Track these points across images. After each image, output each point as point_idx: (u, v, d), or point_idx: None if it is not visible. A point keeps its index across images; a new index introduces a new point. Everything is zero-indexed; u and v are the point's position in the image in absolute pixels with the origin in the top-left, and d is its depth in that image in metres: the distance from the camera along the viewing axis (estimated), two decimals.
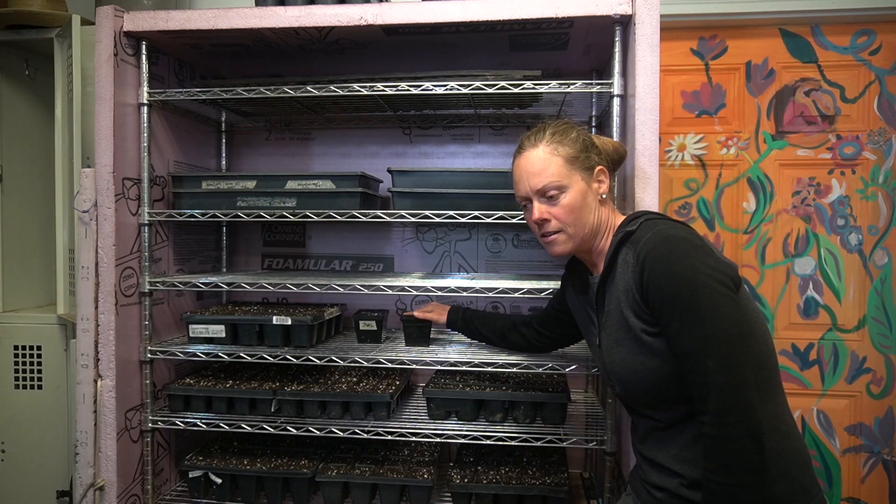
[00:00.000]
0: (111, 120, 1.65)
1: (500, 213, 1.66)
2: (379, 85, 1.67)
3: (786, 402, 1.11)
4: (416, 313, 1.81)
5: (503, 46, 1.84)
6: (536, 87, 1.63)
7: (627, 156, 1.58)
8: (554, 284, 1.64)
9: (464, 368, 1.69)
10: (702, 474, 1.02)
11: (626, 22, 1.58)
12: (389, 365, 1.68)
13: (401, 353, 1.71)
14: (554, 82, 1.62)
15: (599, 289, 1.20)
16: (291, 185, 1.79)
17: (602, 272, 1.19)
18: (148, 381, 1.78)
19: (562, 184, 1.19)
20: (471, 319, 1.76)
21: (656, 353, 1.08)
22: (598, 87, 1.62)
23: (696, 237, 1.08)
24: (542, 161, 1.20)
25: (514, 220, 1.65)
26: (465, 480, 1.71)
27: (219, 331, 1.80)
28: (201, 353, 1.75)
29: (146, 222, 1.76)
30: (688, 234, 1.08)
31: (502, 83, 1.64)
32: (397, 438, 1.71)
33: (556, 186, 1.19)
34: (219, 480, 1.81)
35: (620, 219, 1.24)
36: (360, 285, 1.68)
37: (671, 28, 2.21)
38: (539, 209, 1.21)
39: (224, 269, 2.27)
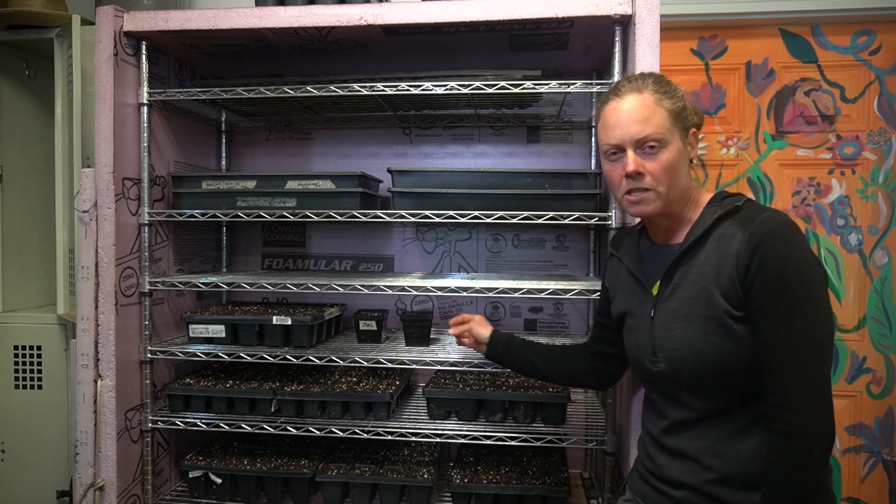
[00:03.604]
0: (111, 120, 1.65)
1: (500, 213, 1.65)
2: (379, 85, 1.67)
3: None
4: (451, 331, 1.56)
5: (503, 46, 1.84)
6: (536, 87, 1.63)
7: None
8: (554, 285, 1.64)
9: (464, 368, 1.69)
10: (768, 472, 0.99)
11: (626, 22, 1.58)
12: (389, 365, 1.68)
13: (401, 353, 1.71)
14: (554, 82, 1.62)
15: (678, 259, 1.11)
16: (291, 185, 1.79)
17: (690, 243, 1.10)
18: (148, 381, 1.78)
19: (664, 137, 1.09)
20: (516, 345, 1.48)
21: (733, 338, 1.03)
22: (598, 87, 1.62)
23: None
24: (647, 109, 1.09)
25: (514, 220, 1.65)
26: (465, 480, 1.71)
27: (219, 331, 1.80)
28: (201, 353, 1.75)
29: (146, 222, 1.76)
30: (797, 226, 1.04)
31: (502, 83, 1.64)
32: (397, 438, 1.71)
33: (658, 139, 1.08)
34: (219, 480, 1.81)
35: (702, 192, 1.18)
36: (360, 285, 1.68)
37: (671, 28, 2.21)
38: (634, 160, 1.09)
39: (224, 269, 2.27)
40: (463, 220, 1.67)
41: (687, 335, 1.08)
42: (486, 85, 1.64)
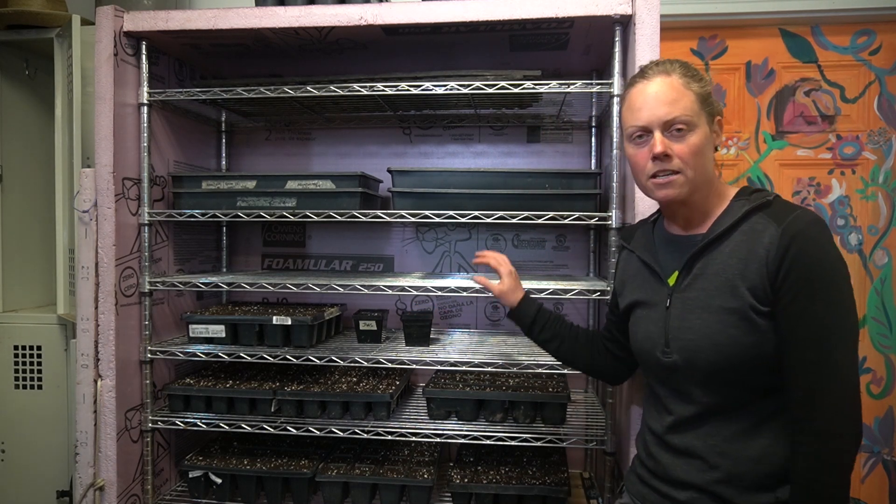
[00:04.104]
0: (111, 120, 1.65)
1: (500, 213, 1.65)
2: (379, 85, 1.67)
3: None
4: (477, 279, 1.48)
5: (503, 46, 1.84)
6: (536, 87, 1.63)
7: (628, 156, 1.57)
8: (554, 285, 1.64)
9: (464, 368, 1.69)
10: (798, 473, 0.98)
11: (626, 22, 1.58)
12: (389, 365, 1.68)
13: (401, 353, 1.71)
14: (554, 82, 1.62)
15: (701, 249, 1.09)
16: (291, 185, 1.79)
17: (717, 233, 1.08)
18: (148, 381, 1.78)
19: (692, 120, 1.07)
20: (545, 319, 1.41)
21: (756, 332, 1.02)
22: (598, 87, 1.62)
23: None
24: (675, 91, 1.08)
25: (514, 220, 1.65)
26: (465, 480, 1.71)
27: (219, 331, 1.80)
28: (201, 353, 1.75)
29: (146, 222, 1.76)
30: (827, 225, 1.04)
31: (502, 83, 1.64)
32: (397, 438, 1.71)
33: (686, 122, 1.07)
34: (219, 480, 1.81)
35: (725, 185, 1.16)
36: (360, 285, 1.68)
37: (671, 28, 2.21)
38: (662, 141, 1.07)
39: (224, 269, 2.27)
40: (463, 220, 1.67)
41: (705, 325, 1.06)
42: (486, 85, 1.64)
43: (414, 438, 1.70)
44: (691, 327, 1.08)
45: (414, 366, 1.68)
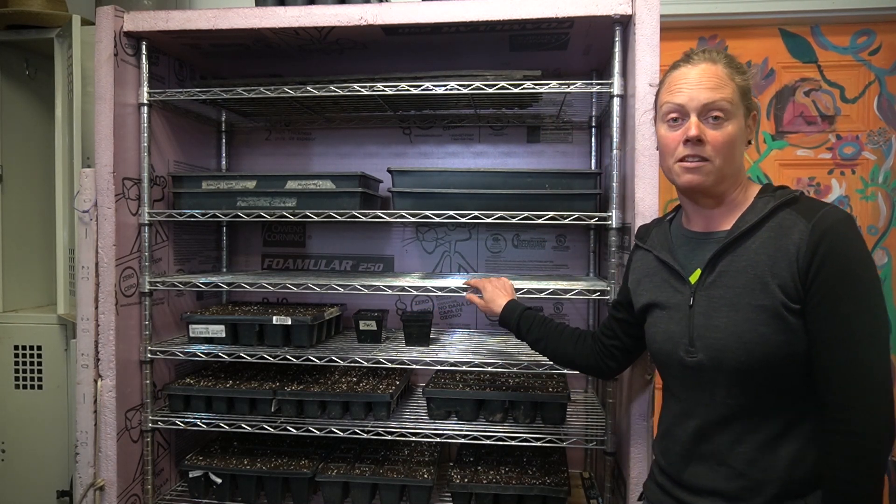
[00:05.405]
0: (111, 120, 1.65)
1: (500, 213, 1.65)
2: (379, 85, 1.68)
3: None
4: (467, 293, 1.60)
5: (503, 46, 1.84)
6: (536, 87, 1.63)
7: (627, 156, 1.58)
8: (554, 285, 1.64)
9: (464, 368, 1.69)
10: (831, 475, 0.97)
11: (626, 22, 1.58)
12: (389, 365, 1.68)
13: (401, 353, 1.71)
14: (554, 82, 1.62)
15: (726, 246, 1.08)
16: (291, 185, 1.79)
17: (743, 230, 1.06)
18: (148, 381, 1.78)
19: (730, 109, 1.07)
20: (529, 321, 1.46)
21: (787, 330, 0.99)
22: (598, 87, 1.62)
23: None
24: (719, 78, 1.08)
25: (514, 220, 1.65)
26: (465, 480, 1.71)
27: (219, 331, 1.80)
28: (201, 353, 1.75)
29: (146, 222, 1.76)
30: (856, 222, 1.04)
31: (502, 83, 1.64)
32: (397, 438, 1.71)
33: (725, 109, 1.07)
34: (219, 480, 1.81)
35: (750, 182, 1.17)
36: (360, 285, 1.68)
37: (671, 28, 2.21)
38: (697, 125, 1.07)
39: (224, 269, 2.27)
40: (463, 220, 1.67)
41: (733, 324, 1.03)
42: (486, 85, 1.64)
43: (414, 438, 1.70)
44: (718, 326, 1.05)
45: (414, 366, 1.68)
